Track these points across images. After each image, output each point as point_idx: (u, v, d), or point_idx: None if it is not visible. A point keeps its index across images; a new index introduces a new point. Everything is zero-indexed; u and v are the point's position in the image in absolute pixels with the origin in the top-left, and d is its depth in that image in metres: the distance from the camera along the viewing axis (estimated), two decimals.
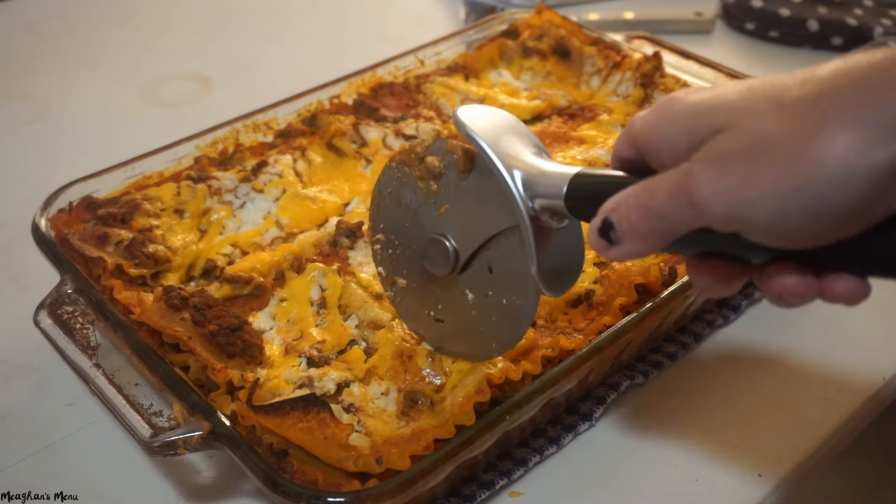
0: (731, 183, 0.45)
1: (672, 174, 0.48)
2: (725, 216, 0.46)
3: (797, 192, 0.43)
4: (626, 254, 0.51)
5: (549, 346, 0.70)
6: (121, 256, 0.80)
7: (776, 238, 0.46)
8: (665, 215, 0.48)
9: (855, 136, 0.42)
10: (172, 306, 0.74)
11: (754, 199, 0.44)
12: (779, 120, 0.44)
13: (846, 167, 0.42)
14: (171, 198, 0.88)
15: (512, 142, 0.60)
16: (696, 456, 0.75)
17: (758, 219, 0.45)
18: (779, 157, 0.44)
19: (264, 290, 0.80)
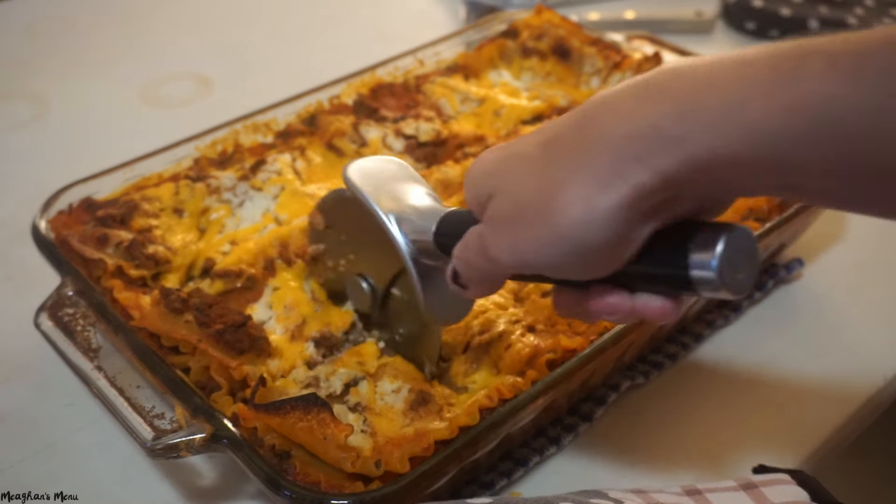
0: (507, 241, 0.52)
1: (473, 234, 0.56)
2: (515, 266, 0.52)
3: (555, 239, 0.49)
4: (475, 295, 0.60)
5: (550, 348, 0.70)
6: (121, 258, 0.80)
7: (563, 275, 0.53)
8: (479, 268, 0.56)
9: (580, 188, 0.47)
10: (174, 310, 0.74)
11: (527, 251, 0.51)
12: (531, 181, 0.50)
13: (585, 213, 0.47)
14: (169, 197, 0.88)
15: (396, 188, 0.66)
16: (696, 456, 0.75)
17: (537, 265, 0.51)
18: (535, 214, 0.49)
19: (256, 280, 0.80)
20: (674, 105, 0.45)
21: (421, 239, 0.63)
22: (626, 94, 0.48)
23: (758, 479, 0.65)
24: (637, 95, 0.47)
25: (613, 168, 0.46)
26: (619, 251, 0.49)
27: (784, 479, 0.65)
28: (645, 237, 0.49)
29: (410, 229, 0.63)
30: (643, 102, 0.47)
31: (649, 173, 0.45)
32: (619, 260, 0.50)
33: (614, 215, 0.47)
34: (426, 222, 0.62)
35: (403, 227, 0.64)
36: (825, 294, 0.92)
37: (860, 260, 0.96)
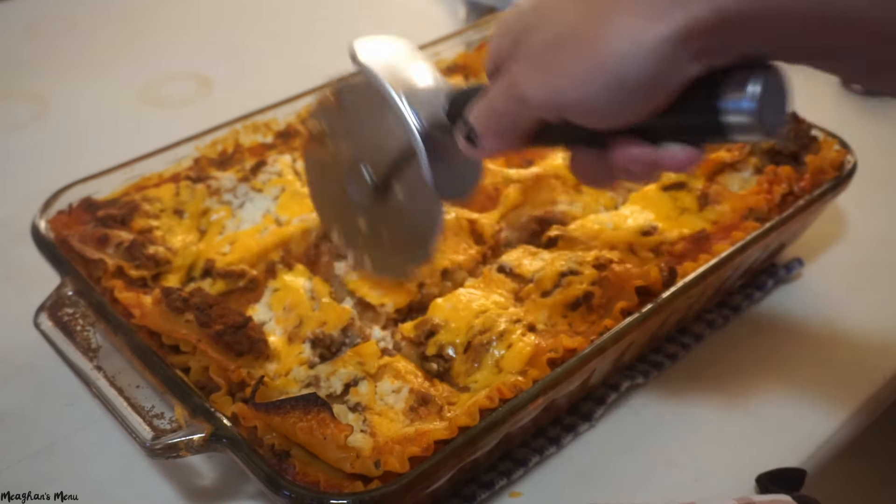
0: (542, 74, 0.50)
1: (504, 76, 0.53)
2: (546, 104, 0.51)
3: (596, 72, 0.47)
4: (488, 150, 0.58)
5: (551, 347, 0.70)
6: (121, 258, 0.80)
7: (594, 118, 0.50)
8: (504, 113, 0.54)
9: (635, 13, 0.45)
10: (175, 309, 0.74)
11: (563, 84, 0.49)
12: (575, 9, 0.48)
13: (631, 44, 0.45)
14: (170, 198, 0.88)
15: (404, 67, 0.66)
16: (696, 456, 0.75)
17: (571, 102, 0.49)
18: (577, 43, 0.47)
19: (258, 282, 0.80)
20: None
21: (431, 112, 0.63)
22: None
23: (758, 500, 0.65)
24: None
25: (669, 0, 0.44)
26: (659, 91, 0.47)
27: (785, 499, 0.64)
28: (686, 81, 0.47)
29: (421, 104, 0.63)
30: None
31: (707, 7, 0.44)
32: (656, 102, 0.48)
33: (664, 48, 0.45)
34: (435, 95, 0.63)
35: (413, 102, 0.63)
36: (825, 294, 0.92)
37: (860, 260, 0.96)
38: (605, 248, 0.81)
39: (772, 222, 0.82)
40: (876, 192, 1.04)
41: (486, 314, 0.75)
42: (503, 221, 0.88)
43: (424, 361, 0.74)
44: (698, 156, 0.51)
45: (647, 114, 0.49)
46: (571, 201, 0.90)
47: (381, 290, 0.79)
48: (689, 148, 0.51)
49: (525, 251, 0.83)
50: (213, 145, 0.97)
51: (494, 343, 0.72)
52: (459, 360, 0.73)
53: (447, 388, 0.71)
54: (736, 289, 0.90)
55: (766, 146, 0.92)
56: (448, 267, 0.81)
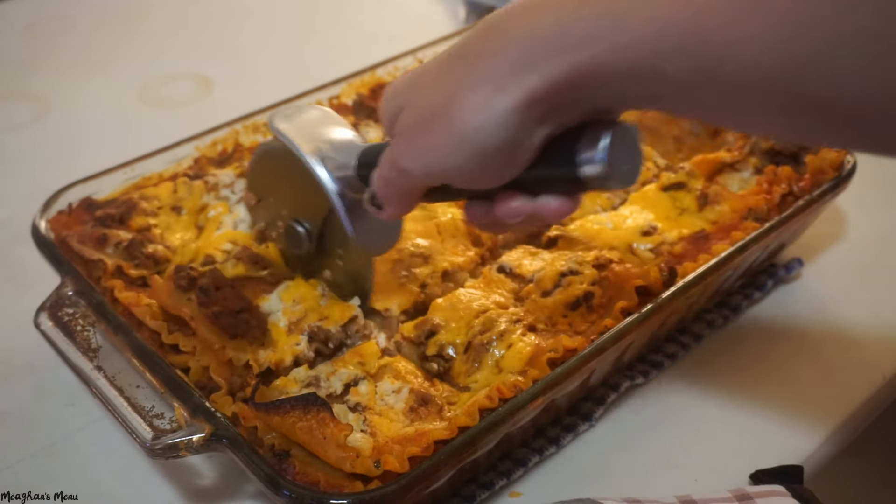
0: (415, 150, 0.55)
1: (386, 152, 0.59)
2: (424, 175, 0.56)
3: (458, 145, 0.52)
4: (390, 215, 0.62)
5: (551, 347, 0.71)
6: (120, 258, 0.80)
7: (469, 182, 0.56)
8: (393, 182, 0.59)
9: (481, 90, 0.50)
10: (180, 286, 0.75)
11: (433, 158, 0.54)
12: (435, 90, 0.54)
13: (482, 117, 0.50)
14: (168, 195, 0.89)
15: (322, 130, 0.71)
16: (695, 456, 0.75)
17: (444, 171, 0.55)
18: (439, 120, 0.53)
19: (279, 277, 0.81)
20: (565, 13, 0.49)
21: (344, 174, 0.67)
22: (523, 4, 0.51)
23: (753, 491, 0.65)
24: (533, 3, 0.51)
25: (508, 73, 0.50)
26: (517, 154, 0.53)
27: (780, 490, 0.65)
28: (539, 141, 0.53)
29: (334, 166, 0.68)
30: (537, 12, 0.50)
31: (540, 78, 0.49)
32: (518, 164, 0.54)
33: (510, 118, 0.50)
34: (347, 157, 0.67)
35: (328, 164, 0.68)
36: (824, 294, 0.92)
37: (859, 260, 0.96)
38: (605, 249, 0.81)
39: (771, 222, 0.82)
40: (875, 193, 1.04)
41: (487, 314, 0.75)
42: None
43: (424, 361, 0.74)
44: (571, 205, 0.57)
45: (514, 174, 0.55)
46: None
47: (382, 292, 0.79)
48: (562, 198, 0.56)
49: (525, 251, 0.83)
50: (213, 145, 0.97)
51: (494, 343, 0.72)
52: (459, 360, 0.73)
53: (447, 388, 0.71)
54: (735, 289, 0.90)
55: (766, 146, 0.92)
56: (448, 269, 0.81)
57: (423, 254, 0.82)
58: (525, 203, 0.57)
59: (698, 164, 0.92)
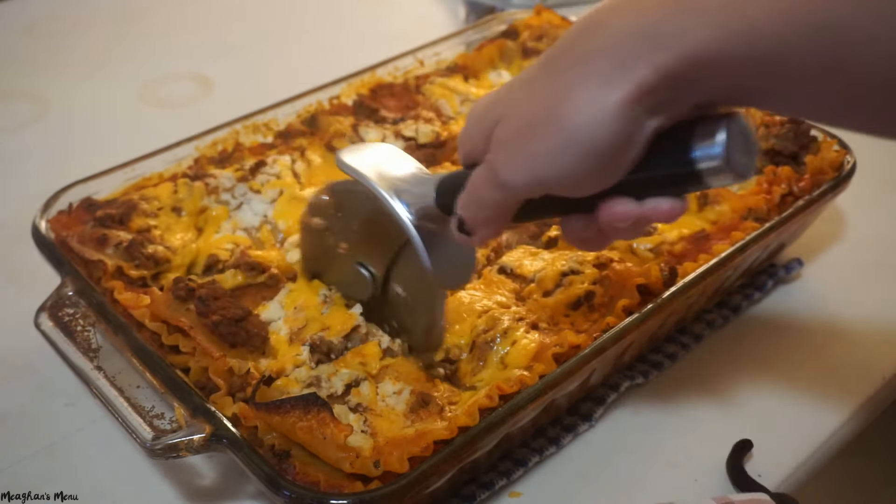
0: (519, 158, 0.53)
1: (481, 167, 0.57)
2: (527, 186, 0.54)
3: (568, 145, 0.50)
4: (482, 239, 0.61)
5: (557, 343, 0.71)
6: (120, 258, 0.80)
7: (576, 188, 0.54)
8: (489, 202, 0.57)
9: (589, 87, 0.49)
10: (179, 297, 0.75)
11: (541, 163, 0.52)
12: (537, 96, 0.52)
13: (592, 114, 0.49)
14: (168, 196, 0.88)
15: (391, 166, 0.68)
16: (695, 456, 0.75)
17: (550, 179, 0.53)
18: (546, 124, 0.51)
19: (278, 280, 0.80)
20: (674, 3, 0.47)
21: (422, 205, 0.65)
22: (623, 3, 0.50)
23: (737, 499, 0.65)
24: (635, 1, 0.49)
25: (617, 67, 0.48)
26: (627, 151, 0.51)
27: (765, 499, 0.65)
28: (650, 134, 0.51)
29: (410, 199, 0.65)
30: (642, 5, 0.49)
31: (651, 69, 0.47)
32: (627, 161, 0.52)
33: (620, 112, 0.49)
34: (425, 188, 0.65)
35: (404, 197, 0.65)
36: (824, 294, 0.92)
37: (859, 260, 0.96)
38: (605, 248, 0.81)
39: (771, 222, 0.82)
40: (875, 193, 1.04)
41: (489, 313, 0.75)
42: None
43: (431, 369, 0.73)
44: (681, 206, 0.55)
45: (622, 173, 0.53)
46: None
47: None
48: (671, 199, 0.54)
49: (525, 251, 0.83)
50: (213, 145, 0.97)
51: (498, 340, 0.72)
52: (466, 360, 0.73)
53: (448, 388, 0.71)
54: (735, 289, 0.90)
55: (766, 146, 0.93)
56: None
57: None
58: (631, 207, 0.54)
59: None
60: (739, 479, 0.71)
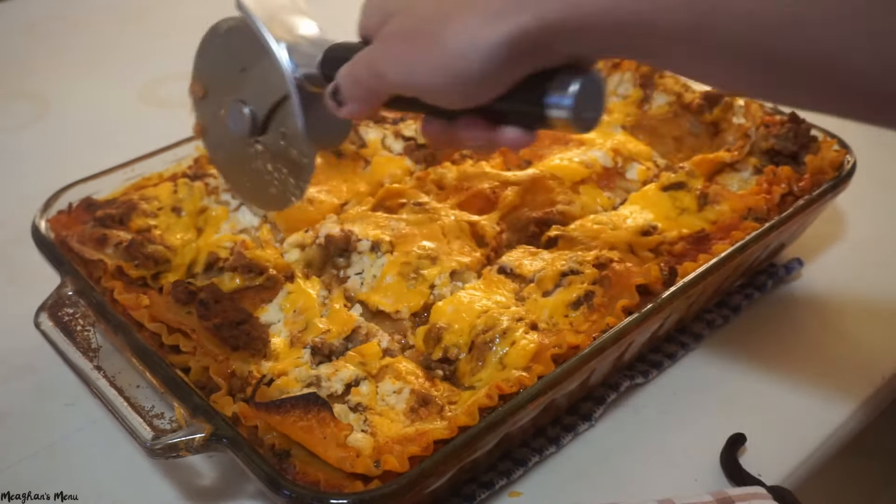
0: (397, 58, 0.57)
1: (366, 50, 0.60)
2: (399, 85, 0.58)
3: (440, 67, 0.54)
4: (350, 112, 0.63)
5: (555, 343, 0.71)
6: (120, 258, 0.80)
7: (440, 101, 0.57)
8: (364, 83, 0.60)
9: (471, 19, 0.52)
10: (179, 300, 0.75)
11: (413, 72, 0.56)
12: (427, 7, 0.55)
13: (469, 45, 0.52)
14: (167, 196, 0.88)
15: (288, 18, 0.70)
16: (695, 456, 0.75)
17: (419, 87, 0.56)
18: (427, 38, 0.54)
19: (276, 281, 0.80)
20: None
21: (306, 65, 0.67)
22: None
23: (734, 493, 0.65)
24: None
25: (503, 7, 0.51)
26: (492, 85, 0.55)
27: (761, 493, 0.65)
28: (517, 79, 0.55)
29: (298, 56, 0.68)
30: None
31: (531, 16, 0.51)
32: (491, 93, 0.56)
33: (495, 51, 0.52)
34: (314, 50, 0.67)
35: (292, 54, 0.68)
36: (824, 293, 0.92)
37: (859, 260, 0.96)
38: (605, 248, 0.81)
39: (771, 222, 0.83)
40: (875, 193, 1.04)
41: (488, 313, 0.75)
42: (503, 223, 0.88)
43: (430, 370, 0.74)
44: (529, 139, 0.59)
45: (485, 101, 0.57)
46: (570, 201, 0.90)
47: (391, 296, 0.79)
48: (521, 131, 0.59)
49: (525, 251, 0.83)
50: None
51: (497, 340, 0.72)
52: (464, 360, 0.73)
53: (448, 387, 0.71)
54: (735, 289, 0.90)
55: (766, 146, 0.93)
56: (456, 268, 0.81)
57: (430, 255, 0.82)
58: (486, 130, 0.59)
59: (698, 164, 0.92)
60: (734, 472, 0.71)
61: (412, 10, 0.57)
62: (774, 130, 0.93)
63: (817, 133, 0.93)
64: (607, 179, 0.95)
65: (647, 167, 0.96)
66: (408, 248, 0.82)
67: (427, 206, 0.88)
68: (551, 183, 0.92)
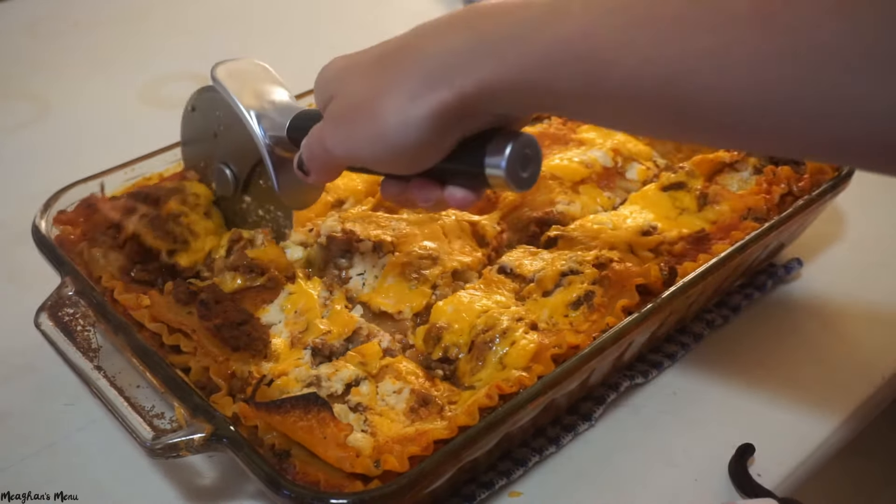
0: (340, 136, 0.62)
1: (316, 126, 0.66)
2: (346, 158, 0.64)
3: (378, 139, 0.59)
4: (315, 181, 0.70)
5: (555, 343, 0.71)
6: (143, 227, 0.82)
7: (386, 169, 0.64)
8: (319, 158, 0.66)
9: (398, 98, 0.58)
10: (180, 300, 0.75)
11: (356, 145, 0.61)
12: (363, 85, 0.61)
13: (399, 120, 0.58)
14: (205, 198, 0.88)
15: (261, 87, 0.77)
16: (695, 456, 0.75)
17: (364, 159, 0.62)
18: (363, 115, 0.60)
19: (277, 282, 0.80)
20: (473, 36, 0.56)
21: (276, 132, 0.74)
22: (441, 25, 0.59)
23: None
24: (449, 24, 0.58)
25: (422, 85, 0.57)
26: (431, 152, 0.60)
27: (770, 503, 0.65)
28: (452, 143, 0.60)
29: (269, 124, 0.75)
30: (451, 33, 0.57)
31: (450, 91, 0.56)
32: (431, 159, 0.61)
33: (423, 123, 0.57)
34: (282, 118, 0.73)
35: (263, 122, 0.75)
36: (824, 294, 0.92)
37: (859, 260, 0.96)
38: (605, 248, 0.81)
39: (771, 222, 0.83)
40: (875, 192, 1.04)
41: (488, 313, 0.75)
42: (503, 223, 0.88)
43: (430, 370, 0.74)
44: (475, 198, 0.64)
45: (427, 166, 0.62)
46: (570, 201, 0.90)
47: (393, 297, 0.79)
48: (467, 191, 0.63)
49: (525, 251, 0.83)
50: None
51: (497, 340, 0.72)
52: (464, 359, 0.73)
53: (448, 387, 0.71)
54: (735, 289, 0.90)
55: None
56: (458, 268, 0.81)
57: (431, 255, 0.82)
58: (435, 190, 0.64)
59: (698, 164, 0.92)
60: (744, 483, 0.71)
61: (345, 92, 0.62)
62: None
63: None
64: (607, 179, 0.95)
65: (646, 167, 0.96)
66: (409, 249, 0.82)
67: None
68: (551, 183, 0.92)
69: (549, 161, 0.95)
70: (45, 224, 0.83)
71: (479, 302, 0.77)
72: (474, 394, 0.69)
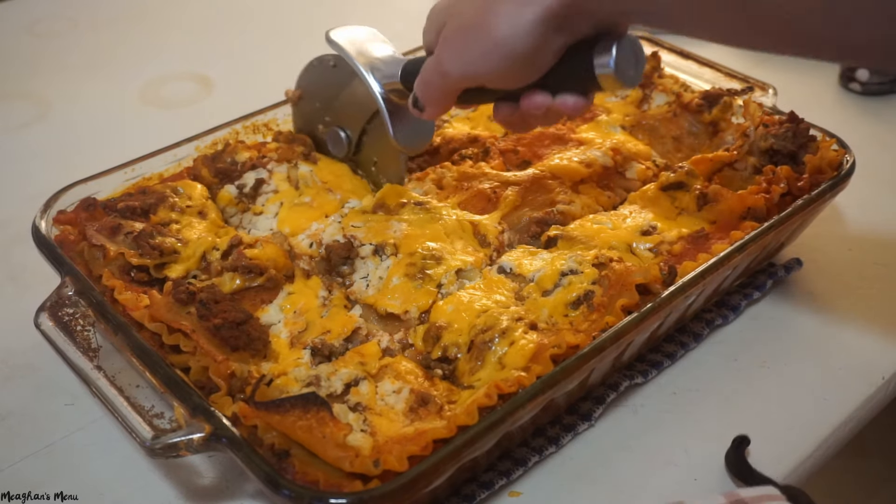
0: (456, 54, 0.68)
1: (432, 57, 0.72)
2: (463, 77, 0.69)
3: (491, 50, 0.65)
4: (430, 114, 0.76)
5: (554, 343, 0.71)
6: (128, 247, 0.81)
7: (500, 82, 0.69)
8: (435, 84, 0.72)
9: (507, 8, 0.63)
10: (179, 301, 0.75)
11: (472, 61, 0.67)
12: (471, 7, 0.66)
13: (510, 27, 0.63)
14: (199, 197, 0.89)
15: (370, 46, 0.86)
16: (695, 455, 0.75)
17: (480, 74, 0.68)
18: (476, 30, 0.66)
19: (277, 281, 0.80)
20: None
21: (390, 81, 0.83)
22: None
23: (746, 495, 0.65)
24: None
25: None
26: (540, 58, 0.66)
27: (774, 493, 0.65)
28: (558, 47, 0.66)
29: (381, 75, 0.84)
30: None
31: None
32: (541, 66, 0.67)
33: (532, 28, 0.63)
34: (393, 68, 0.83)
35: (376, 74, 0.84)
36: (824, 294, 0.92)
37: (859, 260, 0.96)
38: (605, 248, 0.81)
39: (770, 222, 0.83)
40: (874, 192, 1.04)
41: (488, 313, 0.75)
42: (504, 223, 0.88)
43: (429, 369, 0.74)
44: (585, 103, 0.70)
45: (538, 74, 0.67)
46: (570, 201, 0.90)
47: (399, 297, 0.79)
48: (577, 97, 0.69)
49: (525, 251, 0.83)
50: (213, 145, 0.97)
51: (497, 340, 0.72)
52: (464, 359, 0.73)
53: (447, 386, 0.71)
54: (735, 288, 0.90)
55: (765, 146, 0.92)
56: (462, 267, 0.81)
57: (435, 255, 0.82)
58: (546, 99, 0.69)
59: (697, 164, 0.92)
60: (743, 472, 0.71)
61: (458, 13, 0.68)
62: (773, 130, 0.93)
63: (816, 133, 0.93)
64: (607, 179, 0.95)
65: (646, 167, 0.96)
66: (412, 249, 0.82)
67: (428, 205, 0.88)
68: (551, 183, 0.92)
69: (548, 161, 0.95)
70: (45, 224, 0.84)
71: (478, 301, 0.77)
72: (473, 393, 0.69)
